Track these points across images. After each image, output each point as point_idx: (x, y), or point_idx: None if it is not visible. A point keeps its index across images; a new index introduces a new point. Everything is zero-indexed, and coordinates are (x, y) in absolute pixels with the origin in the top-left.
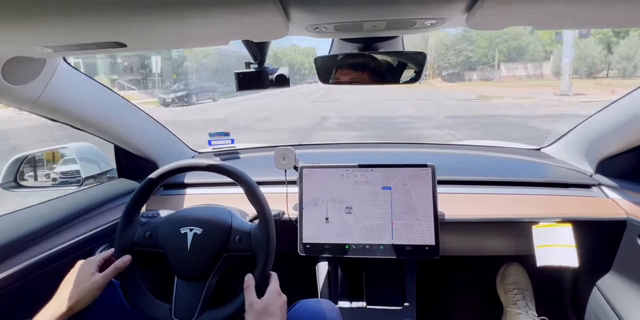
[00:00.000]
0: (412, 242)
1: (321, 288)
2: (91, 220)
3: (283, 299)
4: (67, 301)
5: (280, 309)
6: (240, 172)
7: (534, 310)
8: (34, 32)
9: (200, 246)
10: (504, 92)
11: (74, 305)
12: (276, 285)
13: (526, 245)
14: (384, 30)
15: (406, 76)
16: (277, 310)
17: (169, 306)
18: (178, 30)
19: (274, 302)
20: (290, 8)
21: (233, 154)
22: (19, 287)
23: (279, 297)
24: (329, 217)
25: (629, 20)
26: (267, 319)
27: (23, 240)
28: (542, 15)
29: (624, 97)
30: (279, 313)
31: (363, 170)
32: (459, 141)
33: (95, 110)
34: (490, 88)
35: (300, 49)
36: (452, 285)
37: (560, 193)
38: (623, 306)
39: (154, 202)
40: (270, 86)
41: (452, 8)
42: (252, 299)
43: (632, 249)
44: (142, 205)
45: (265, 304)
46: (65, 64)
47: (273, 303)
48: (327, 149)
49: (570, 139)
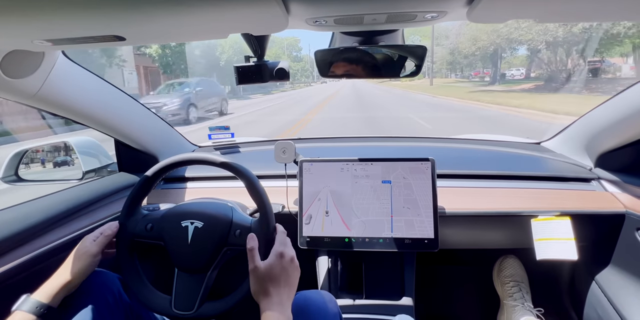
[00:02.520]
0: (412, 235)
1: (321, 282)
2: (92, 213)
3: (287, 259)
4: (65, 272)
5: (284, 270)
6: (240, 166)
7: (530, 303)
8: (32, 26)
9: (200, 239)
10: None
11: (72, 275)
12: (280, 245)
13: (524, 238)
14: (385, 23)
15: (406, 70)
16: (280, 273)
17: (169, 298)
18: (177, 24)
19: (277, 265)
20: (290, 1)
21: (233, 148)
22: (21, 280)
23: (282, 258)
24: (329, 211)
25: (633, 13)
26: (269, 284)
27: (25, 234)
28: (544, 8)
29: (623, 91)
30: (282, 277)
31: (363, 164)
32: (459, 135)
33: (95, 104)
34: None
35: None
36: (449, 278)
37: (559, 187)
38: (620, 298)
39: (155, 195)
40: (270, 80)
41: (453, 1)
42: (254, 263)
43: (631, 242)
44: (144, 197)
45: (266, 268)
46: (64, 57)
47: (275, 266)
48: (327, 142)
49: (570, 133)
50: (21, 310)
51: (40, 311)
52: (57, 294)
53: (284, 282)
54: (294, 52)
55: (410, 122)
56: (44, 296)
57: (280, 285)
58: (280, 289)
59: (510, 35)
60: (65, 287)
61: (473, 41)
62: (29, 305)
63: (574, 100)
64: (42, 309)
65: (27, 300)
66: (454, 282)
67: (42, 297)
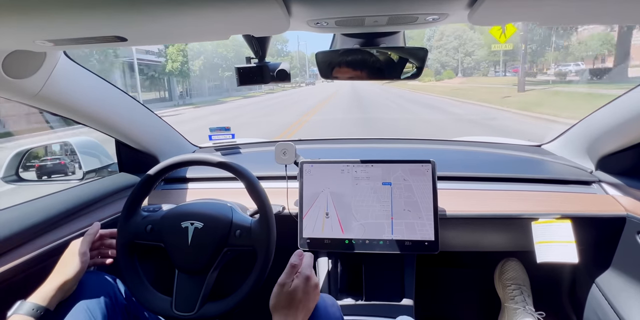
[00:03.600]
0: (412, 237)
1: (321, 283)
2: (92, 213)
3: (312, 284)
4: (58, 274)
5: (306, 294)
6: (240, 167)
7: (531, 306)
8: (34, 26)
9: (201, 240)
10: None
11: (65, 275)
12: (307, 268)
13: (525, 241)
14: (386, 25)
15: (407, 71)
16: (302, 297)
17: (170, 299)
18: (179, 25)
19: (302, 287)
20: (292, 2)
21: (234, 149)
22: (22, 280)
23: (307, 282)
24: (329, 212)
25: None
26: (289, 303)
27: (25, 234)
28: (545, 10)
29: (625, 94)
30: (303, 301)
31: (363, 166)
32: (459, 137)
33: (96, 104)
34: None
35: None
36: (450, 281)
37: (560, 189)
38: (621, 302)
39: (155, 196)
40: (270, 81)
41: (454, 3)
42: (286, 280)
43: (631, 245)
44: (144, 199)
45: (292, 288)
46: (66, 57)
47: (300, 288)
48: (328, 144)
49: (571, 136)
50: (18, 313)
51: (37, 313)
52: (53, 296)
53: (303, 306)
54: (277, 44)
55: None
56: (39, 299)
57: (298, 308)
58: (297, 311)
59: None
60: (61, 289)
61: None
62: (25, 308)
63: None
64: (39, 311)
65: (22, 304)
66: (455, 284)
67: (37, 299)
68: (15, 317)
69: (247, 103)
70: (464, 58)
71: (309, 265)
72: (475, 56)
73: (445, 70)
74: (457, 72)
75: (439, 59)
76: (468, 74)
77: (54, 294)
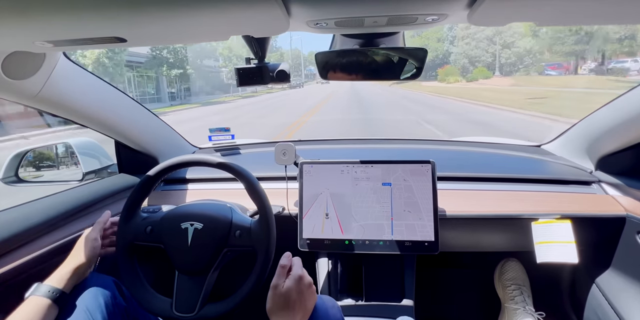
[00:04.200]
0: (412, 238)
1: (321, 284)
2: (92, 215)
3: (305, 283)
4: (73, 258)
5: (300, 294)
6: (240, 167)
7: (531, 306)
8: (33, 27)
9: (200, 241)
10: None
11: (80, 259)
12: (299, 268)
13: (525, 241)
14: (385, 25)
15: (407, 72)
16: (297, 297)
17: (170, 300)
18: (178, 26)
19: (295, 288)
20: (291, 3)
21: (233, 150)
22: (21, 281)
23: (300, 281)
24: (329, 213)
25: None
26: (284, 306)
27: (25, 235)
28: (545, 11)
29: (625, 94)
30: (298, 301)
31: (363, 166)
32: (459, 138)
33: (95, 105)
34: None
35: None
36: (450, 281)
37: (560, 190)
38: (621, 302)
39: (154, 197)
40: (270, 82)
41: (453, 4)
42: (278, 281)
43: (631, 245)
44: (143, 200)
45: (285, 289)
46: (65, 58)
47: (293, 289)
48: (327, 144)
49: (570, 136)
50: (35, 295)
51: (53, 295)
52: (69, 279)
53: (299, 306)
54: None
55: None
56: (55, 282)
57: (295, 308)
58: (294, 312)
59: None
60: (76, 272)
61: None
62: (42, 290)
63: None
64: (55, 293)
65: (39, 286)
66: (455, 284)
67: (54, 282)
68: (32, 298)
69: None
70: (502, 51)
71: (300, 266)
72: (516, 48)
73: (476, 66)
74: (493, 70)
75: (467, 53)
76: (507, 73)
77: (69, 276)
